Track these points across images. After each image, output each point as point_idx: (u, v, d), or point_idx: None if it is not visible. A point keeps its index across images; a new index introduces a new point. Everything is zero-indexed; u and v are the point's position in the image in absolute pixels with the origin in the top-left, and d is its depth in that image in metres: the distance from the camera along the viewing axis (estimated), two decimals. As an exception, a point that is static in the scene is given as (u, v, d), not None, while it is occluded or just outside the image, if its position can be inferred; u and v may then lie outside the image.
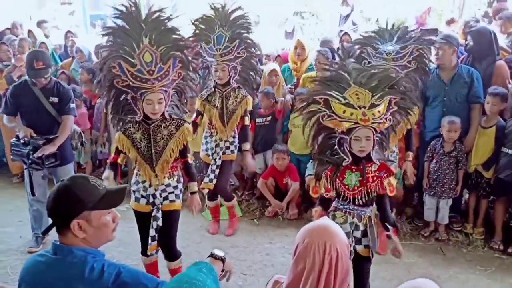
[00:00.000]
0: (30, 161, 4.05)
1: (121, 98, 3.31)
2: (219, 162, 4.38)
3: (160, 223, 3.36)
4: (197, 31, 4.26)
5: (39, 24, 8.15)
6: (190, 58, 3.45)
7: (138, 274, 1.83)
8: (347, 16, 7.79)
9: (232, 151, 4.45)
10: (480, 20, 6.31)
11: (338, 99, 2.69)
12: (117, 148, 3.31)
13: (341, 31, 6.31)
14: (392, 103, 2.76)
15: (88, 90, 6.19)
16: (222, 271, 2.00)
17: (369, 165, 2.80)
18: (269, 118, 5.26)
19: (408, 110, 2.88)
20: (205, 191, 4.52)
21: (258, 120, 5.28)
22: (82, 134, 4.74)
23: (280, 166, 5.06)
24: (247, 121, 4.39)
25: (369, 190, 2.80)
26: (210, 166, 4.42)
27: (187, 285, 1.58)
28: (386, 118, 2.73)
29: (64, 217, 1.77)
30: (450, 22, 6.70)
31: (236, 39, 4.19)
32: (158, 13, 3.27)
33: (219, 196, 4.70)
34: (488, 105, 4.35)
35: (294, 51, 5.60)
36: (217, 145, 4.40)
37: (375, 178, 2.80)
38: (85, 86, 6.25)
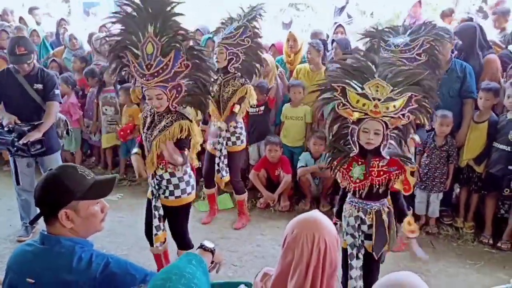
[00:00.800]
0: (15, 148, 3.96)
1: None
2: (224, 152, 4.36)
3: (161, 212, 3.31)
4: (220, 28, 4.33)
5: (31, 11, 8.03)
6: (196, 47, 3.19)
7: (126, 265, 1.82)
8: (342, 8, 7.75)
9: (234, 143, 4.41)
10: (475, 15, 6.29)
11: (354, 89, 2.65)
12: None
13: (335, 23, 6.27)
14: (412, 100, 2.66)
15: (80, 78, 6.12)
16: (212, 262, 2.00)
17: (377, 159, 2.74)
18: (262, 108, 5.23)
19: (428, 109, 2.75)
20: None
21: (251, 110, 5.24)
22: (68, 122, 4.66)
23: (273, 158, 5.05)
24: (236, 108, 4.26)
25: (373, 185, 2.74)
26: (216, 158, 4.37)
27: (177, 276, 1.57)
28: (402, 114, 2.65)
29: (51, 207, 1.76)
30: (444, 15, 6.66)
31: (242, 26, 4.18)
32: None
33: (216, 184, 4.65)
34: (481, 100, 4.34)
35: (286, 44, 5.56)
36: (218, 135, 4.35)
37: (381, 173, 2.73)
38: (77, 74, 6.18)
